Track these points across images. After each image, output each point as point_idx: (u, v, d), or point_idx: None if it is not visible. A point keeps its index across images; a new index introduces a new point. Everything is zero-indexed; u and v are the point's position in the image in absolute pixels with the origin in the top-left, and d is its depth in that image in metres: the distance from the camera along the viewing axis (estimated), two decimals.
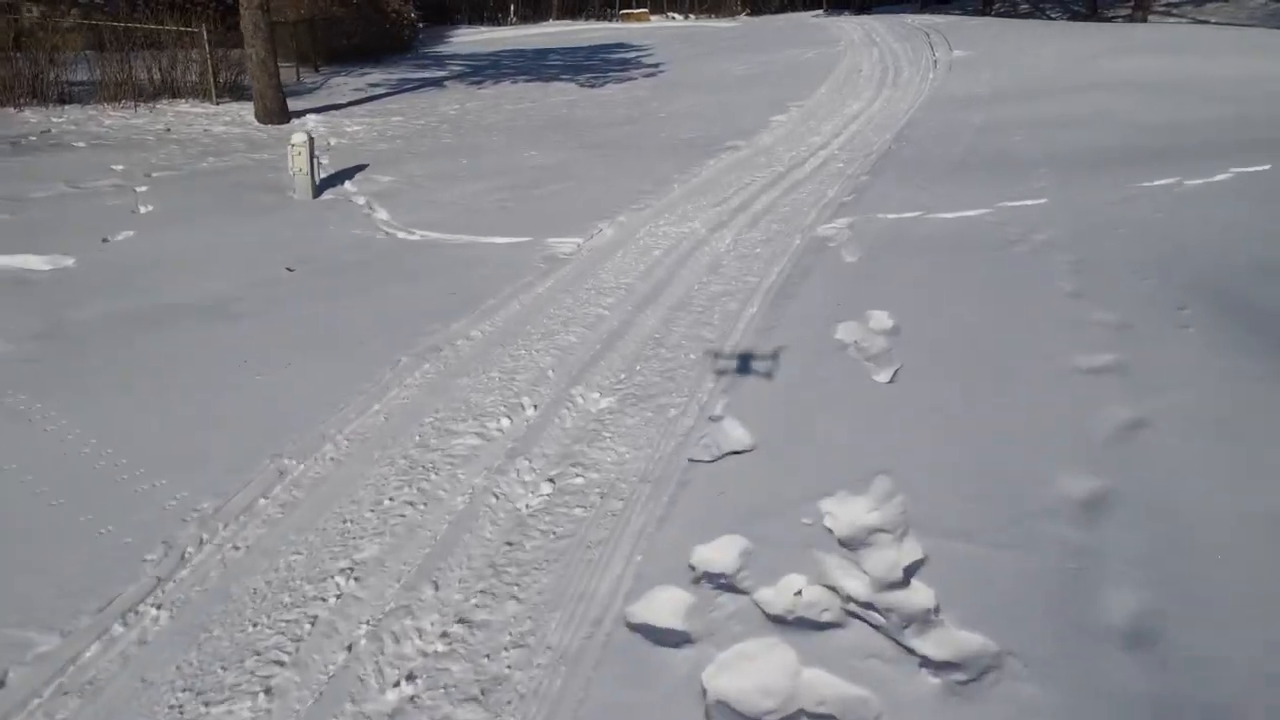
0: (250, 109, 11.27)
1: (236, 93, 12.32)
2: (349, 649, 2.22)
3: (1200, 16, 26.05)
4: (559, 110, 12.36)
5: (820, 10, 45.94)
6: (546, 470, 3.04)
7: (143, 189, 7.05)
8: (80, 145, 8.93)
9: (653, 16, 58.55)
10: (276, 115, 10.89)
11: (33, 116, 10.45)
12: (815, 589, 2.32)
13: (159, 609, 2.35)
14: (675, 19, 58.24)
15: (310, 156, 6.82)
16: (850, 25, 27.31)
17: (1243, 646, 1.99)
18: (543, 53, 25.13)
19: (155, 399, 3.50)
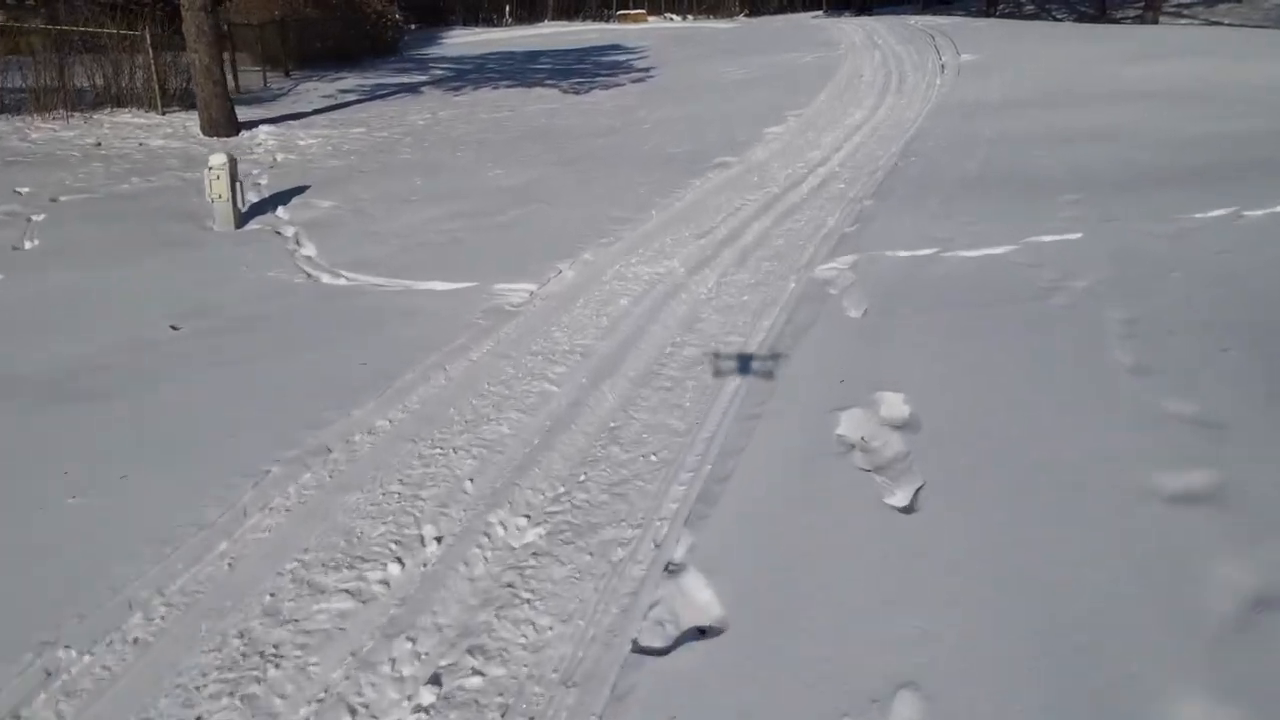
0: (198, 120, 10.44)
1: (186, 101, 11.49)
2: None
3: (1213, 18, 25.32)
4: (537, 120, 11.53)
5: (820, 11, 45.31)
6: (435, 658, 2.20)
7: (40, 217, 6.21)
8: None
9: (650, 17, 57.99)
10: (223, 127, 10.05)
11: None
12: None
13: None
14: (673, 20, 57.65)
15: (232, 180, 5.98)
16: (850, 27, 26.55)
17: None
18: (533, 55, 24.38)
19: None
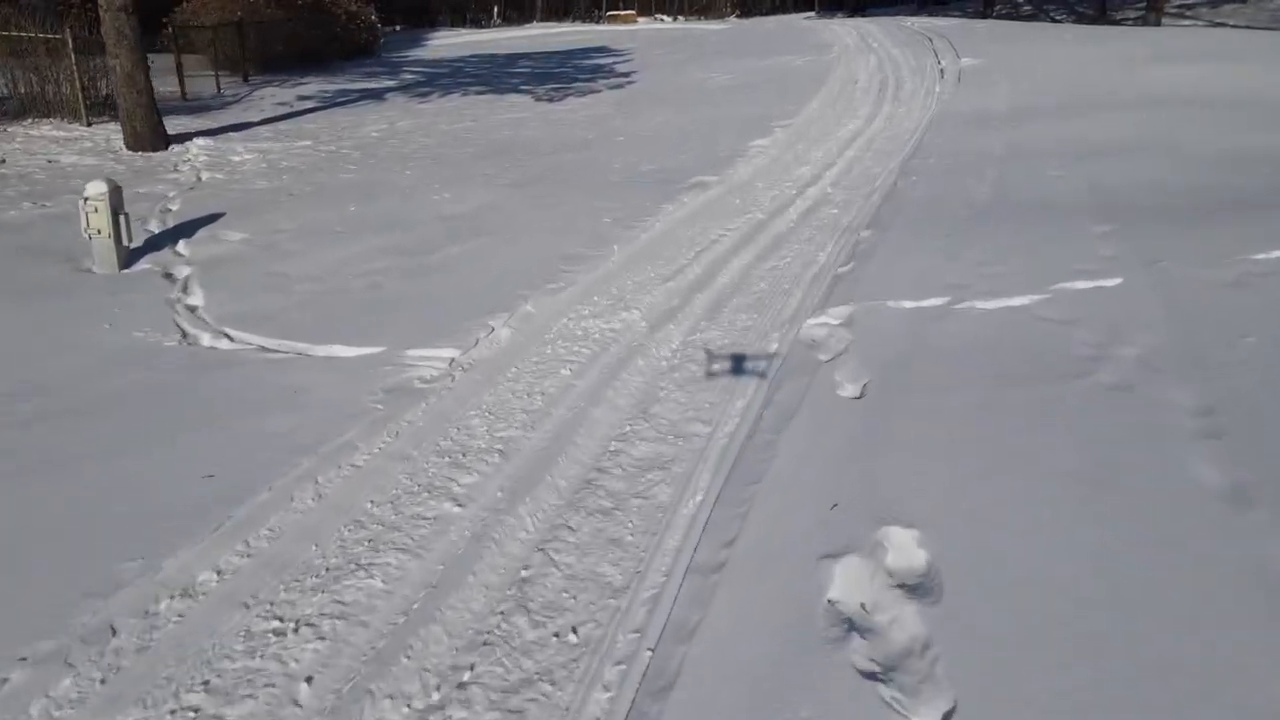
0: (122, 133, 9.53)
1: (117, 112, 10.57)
2: None
3: (1217, 19, 24.68)
4: (501, 131, 10.67)
5: (812, 12, 44.68)
6: None
7: None
8: None
9: (640, 19, 57.44)
10: (149, 141, 9.15)
11: None
12: None
13: None
14: (664, 21, 57.08)
15: (114, 212, 5.09)
16: (844, 29, 25.81)
17: None
18: (514, 58, 23.61)
19: None
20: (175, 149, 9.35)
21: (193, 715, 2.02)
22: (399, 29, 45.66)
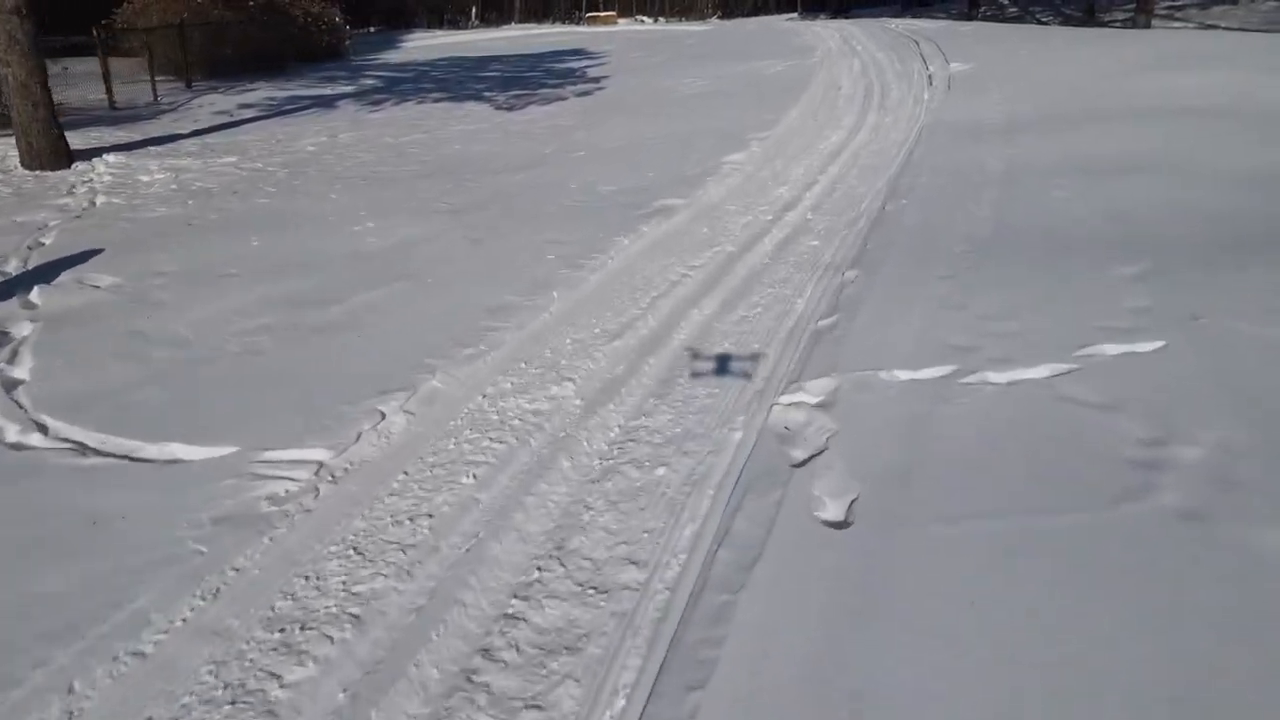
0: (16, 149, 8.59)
1: None
2: None
3: (1208, 21, 24.20)
4: (452, 145, 9.80)
5: (795, 13, 44.17)
6: None
7: None
8: None
9: (621, 19, 56.90)
10: (47, 158, 8.22)
11: None
12: None
13: None
14: (645, 22, 56.55)
15: None
16: (826, 31, 25.16)
17: None
18: (485, 61, 22.82)
19: None
20: (79, 166, 8.42)
21: None
22: (374, 30, 44.90)
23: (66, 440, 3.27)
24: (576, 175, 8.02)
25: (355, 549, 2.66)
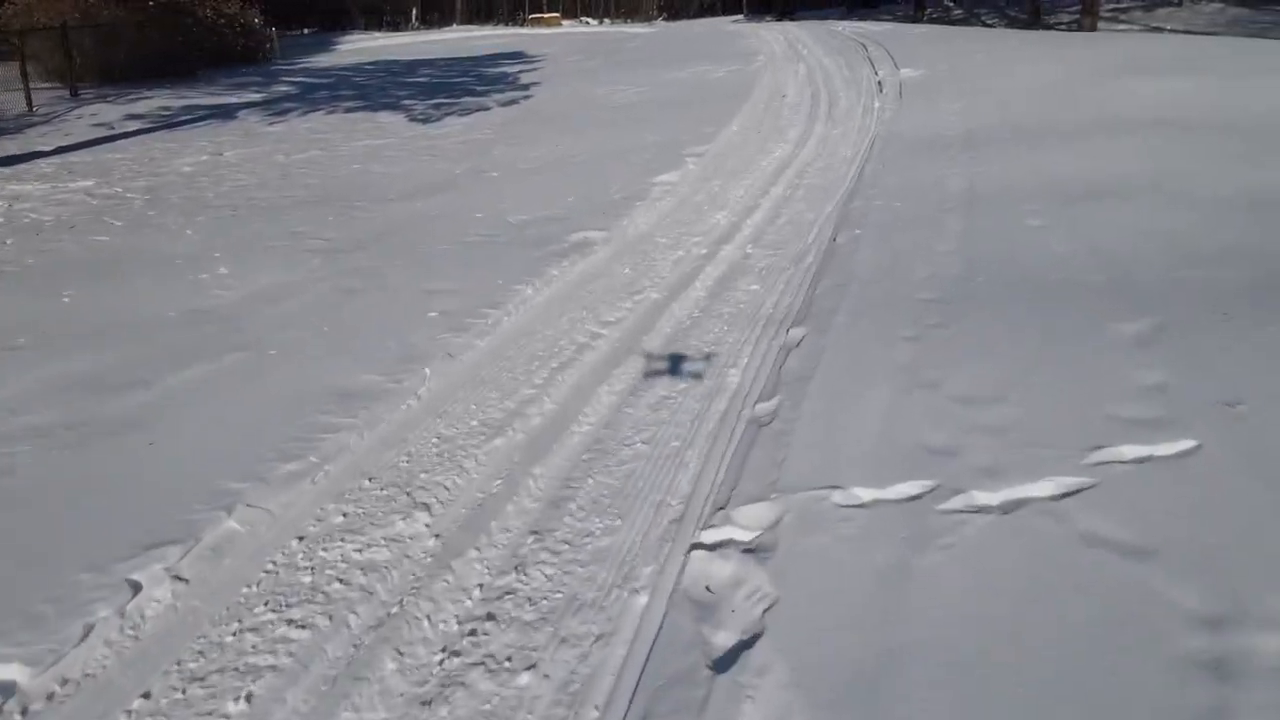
0: None
1: None
2: None
3: (1153, 23, 24.18)
4: (350, 165, 8.75)
5: (741, 15, 43.78)
6: None
7: None
8: None
9: (566, 21, 56.10)
10: None
11: None
12: None
13: None
14: (590, 23, 55.83)
15: None
16: (771, 34, 24.56)
17: None
18: (416, 65, 21.74)
19: None
20: None
21: None
22: (308, 32, 43.38)
23: None
24: (486, 201, 7.05)
25: None
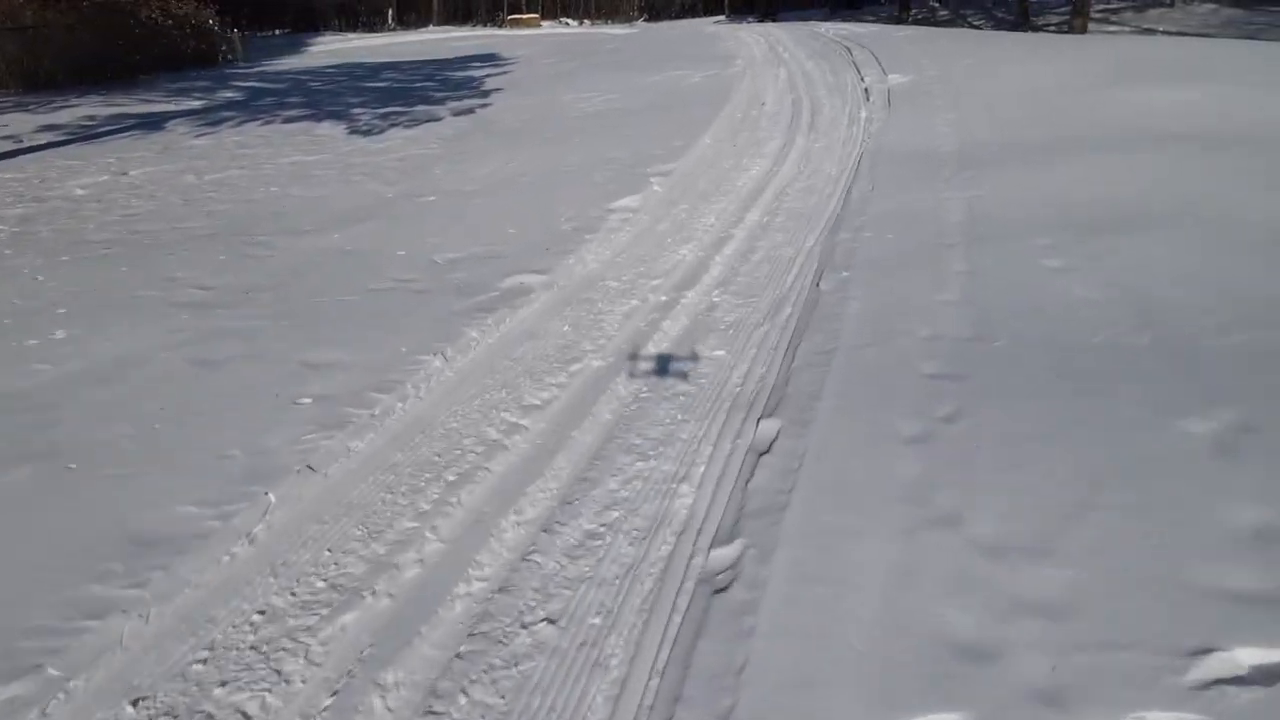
0: None
1: None
2: None
3: (1145, 25, 23.58)
4: (268, 187, 7.75)
5: (722, 16, 43.07)
6: None
7: None
8: None
9: (545, 22, 55.32)
10: None
11: None
12: None
13: None
14: (569, 24, 54.95)
15: None
16: (752, 36, 23.71)
17: None
18: (380, 69, 20.78)
19: None
20: None
21: None
22: (280, 33, 42.42)
23: None
24: (413, 234, 6.09)
25: None
